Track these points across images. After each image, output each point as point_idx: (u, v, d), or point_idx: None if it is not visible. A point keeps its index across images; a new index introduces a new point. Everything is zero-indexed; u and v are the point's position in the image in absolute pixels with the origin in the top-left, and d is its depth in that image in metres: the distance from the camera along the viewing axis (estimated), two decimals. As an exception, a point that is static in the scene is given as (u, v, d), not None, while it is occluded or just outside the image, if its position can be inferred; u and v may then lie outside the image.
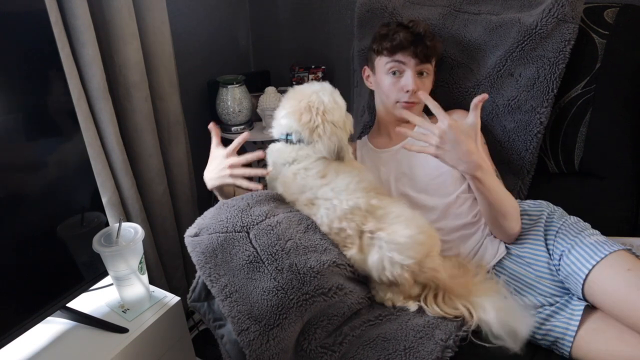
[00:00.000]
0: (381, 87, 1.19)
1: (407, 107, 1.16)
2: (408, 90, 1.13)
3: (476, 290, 0.94)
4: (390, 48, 1.12)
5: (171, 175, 1.48)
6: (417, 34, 1.12)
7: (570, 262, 0.92)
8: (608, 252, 0.88)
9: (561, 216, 1.03)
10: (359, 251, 0.93)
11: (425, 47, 1.12)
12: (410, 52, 1.11)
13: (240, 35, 1.90)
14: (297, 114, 0.99)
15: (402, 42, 1.11)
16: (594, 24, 1.11)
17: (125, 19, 1.19)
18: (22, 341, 0.95)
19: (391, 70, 1.14)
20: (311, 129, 0.98)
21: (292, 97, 1.03)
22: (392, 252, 0.89)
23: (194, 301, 0.91)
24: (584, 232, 0.96)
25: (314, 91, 1.01)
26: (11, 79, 0.86)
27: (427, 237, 0.93)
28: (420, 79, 1.15)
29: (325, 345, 0.85)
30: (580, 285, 0.88)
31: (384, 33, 1.15)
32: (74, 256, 1.01)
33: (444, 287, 0.94)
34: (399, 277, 0.90)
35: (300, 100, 1.00)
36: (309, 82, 1.08)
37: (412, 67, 1.12)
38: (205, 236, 0.88)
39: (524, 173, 1.20)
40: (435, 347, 0.83)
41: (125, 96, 1.27)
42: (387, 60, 1.14)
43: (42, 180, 0.94)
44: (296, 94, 1.03)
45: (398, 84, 1.14)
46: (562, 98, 1.15)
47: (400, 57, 1.12)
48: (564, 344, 0.88)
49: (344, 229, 0.93)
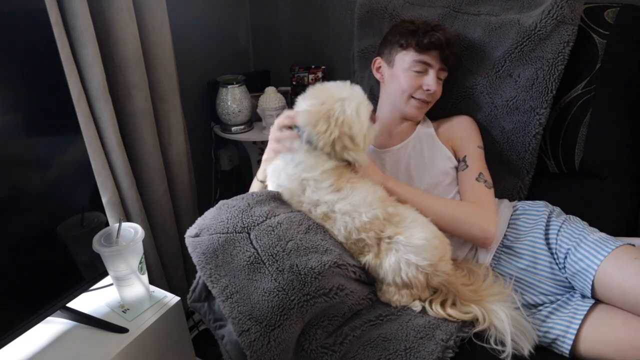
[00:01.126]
0: (398, 81, 1.18)
1: (420, 105, 1.17)
2: (429, 89, 1.14)
3: (487, 296, 0.95)
4: (423, 45, 1.12)
5: (171, 175, 1.48)
6: (448, 39, 1.13)
7: (577, 259, 0.92)
8: (614, 247, 0.89)
9: (559, 215, 1.04)
10: (375, 257, 0.94)
11: (453, 54, 1.14)
12: (440, 54, 1.13)
13: (240, 35, 1.90)
14: (315, 119, 0.94)
15: (436, 43, 1.11)
16: (594, 24, 1.11)
17: (125, 19, 1.19)
18: (22, 341, 0.95)
19: (416, 68, 1.14)
20: (326, 141, 0.94)
21: (317, 95, 0.97)
22: (409, 254, 0.91)
23: (194, 301, 0.91)
24: (586, 230, 0.97)
25: (341, 98, 0.95)
26: (11, 79, 0.86)
27: (441, 241, 0.96)
28: (437, 82, 1.16)
29: (325, 346, 0.85)
30: (590, 281, 0.89)
31: (413, 29, 1.14)
32: (74, 256, 1.01)
33: (455, 293, 0.94)
34: (413, 278, 0.91)
35: (324, 103, 0.95)
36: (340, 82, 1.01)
37: (436, 69, 1.14)
38: (205, 237, 0.88)
39: (523, 173, 1.20)
40: (436, 348, 0.84)
41: (125, 96, 1.27)
42: (415, 57, 1.14)
43: (42, 180, 0.94)
44: (322, 93, 0.98)
45: (419, 81, 1.15)
46: (562, 98, 1.16)
47: (429, 56, 1.13)
48: (564, 342, 0.89)
49: (363, 239, 0.94)
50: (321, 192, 0.95)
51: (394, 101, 1.20)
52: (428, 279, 0.93)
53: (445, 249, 0.96)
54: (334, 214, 0.95)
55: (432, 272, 0.92)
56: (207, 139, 1.81)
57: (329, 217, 0.96)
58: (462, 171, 1.15)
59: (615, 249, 0.89)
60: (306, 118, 0.95)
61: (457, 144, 1.19)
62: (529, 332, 0.88)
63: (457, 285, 0.94)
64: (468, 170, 1.14)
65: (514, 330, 0.87)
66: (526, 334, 0.88)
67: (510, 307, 0.93)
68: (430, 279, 0.93)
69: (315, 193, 0.95)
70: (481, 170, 1.13)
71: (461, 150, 1.17)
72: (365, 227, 0.93)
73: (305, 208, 0.97)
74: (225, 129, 1.68)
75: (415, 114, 1.19)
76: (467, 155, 1.16)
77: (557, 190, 1.19)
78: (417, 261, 0.90)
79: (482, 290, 0.96)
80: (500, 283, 0.99)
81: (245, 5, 1.88)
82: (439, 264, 0.92)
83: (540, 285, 0.99)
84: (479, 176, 1.12)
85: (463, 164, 1.15)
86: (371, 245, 0.94)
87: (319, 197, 0.95)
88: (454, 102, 1.26)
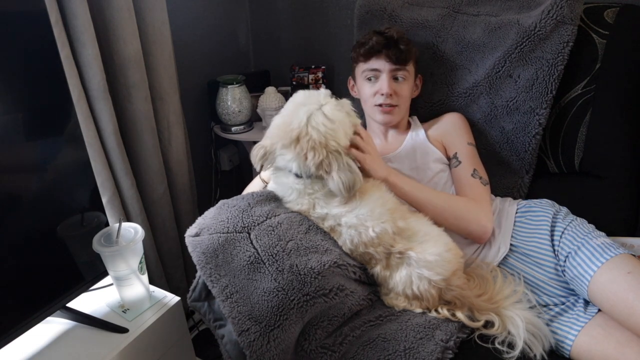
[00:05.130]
0: (361, 94, 1.22)
1: (386, 110, 1.17)
2: (383, 93, 1.14)
3: (501, 300, 0.93)
4: (364, 53, 1.15)
5: (171, 175, 1.48)
6: (389, 37, 1.14)
7: (576, 264, 0.92)
8: (611, 256, 0.88)
9: (566, 217, 1.03)
10: (384, 269, 0.93)
11: (399, 51, 1.13)
12: (384, 55, 1.13)
13: (240, 35, 1.90)
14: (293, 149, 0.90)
15: (375, 46, 1.13)
16: (594, 24, 1.11)
17: (125, 19, 1.19)
18: (22, 341, 0.95)
19: (367, 76, 1.17)
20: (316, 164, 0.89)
21: (280, 125, 0.93)
22: (422, 268, 0.89)
23: (194, 301, 0.91)
24: (590, 234, 0.96)
25: (303, 120, 0.89)
26: (11, 79, 0.86)
27: (454, 255, 0.94)
28: (396, 83, 1.16)
29: (325, 346, 0.85)
30: (586, 287, 0.89)
31: (362, 41, 1.17)
32: (74, 256, 1.01)
33: (470, 305, 0.92)
34: (425, 292, 0.90)
35: (291, 130, 0.90)
36: (298, 93, 0.97)
37: (387, 71, 1.14)
38: (206, 236, 0.88)
39: (523, 173, 1.21)
40: (436, 348, 0.83)
41: (125, 96, 1.27)
42: (364, 67, 1.17)
43: (42, 180, 0.94)
44: (285, 118, 0.94)
45: (374, 89, 1.16)
46: (562, 98, 1.16)
47: (375, 61, 1.15)
48: (563, 347, 0.89)
49: (370, 253, 0.92)
50: (330, 206, 0.94)
51: (367, 113, 1.23)
52: (441, 294, 0.92)
53: (458, 262, 0.94)
54: (339, 227, 0.93)
55: (446, 287, 0.90)
56: (207, 139, 1.81)
57: (335, 231, 0.95)
58: (455, 168, 1.15)
59: (610, 258, 0.88)
60: (287, 154, 0.92)
61: (447, 140, 1.19)
62: (545, 336, 0.87)
63: (472, 299, 0.92)
64: (462, 167, 1.14)
65: (527, 335, 0.86)
66: (542, 337, 0.87)
67: (526, 308, 0.91)
68: (443, 294, 0.92)
69: (324, 208, 0.94)
70: (475, 167, 1.13)
71: (451, 147, 1.18)
72: (373, 242, 0.91)
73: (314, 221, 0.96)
74: (225, 129, 1.68)
75: (385, 119, 1.19)
76: (457, 152, 1.16)
77: (557, 190, 1.19)
78: (429, 275, 0.89)
79: (496, 295, 0.94)
80: (511, 282, 0.98)
81: (245, 5, 1.88)
82: (452, 278, 0.91)
83: (545, 287, 0.98)
84: (474, 172, 1.12)
85: (455, 160, 1.15)
86: (379, 259, 0.93)
87: (327, 210, 0.94)
88: (454, 102, 1.26)
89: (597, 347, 0.85)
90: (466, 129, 1.20)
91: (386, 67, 1.14)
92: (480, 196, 1.08)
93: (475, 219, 1.04)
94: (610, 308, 0.86)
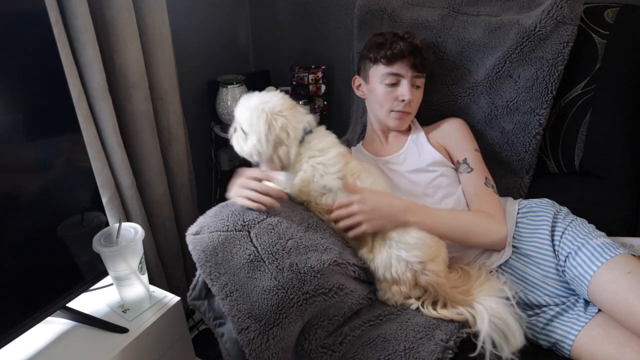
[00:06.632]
0: (375, 96, 1.19)
1: (401, 116, 1.17)
2: (404, 99, 1.13)
3: (477, 294, 0.93)
4: (389, 57, 1.12)
5: (171, 175, 1.48)
6: (415, 45, 1.13)
7: (576, 264, 0.92)
8: (611, 256, 0.88)
9: (566, 217, 1.03)
10: (368, 252, 0.96)
11: (423, 59, 1.13)
12: (409, 62, 1.12)
13: (240, 35, 1.90)
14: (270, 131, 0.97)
15: (402, 52, 1.11)
16: (594, 24, 1.11)
17: (125, 19, 1.19)
18: (22, 341, 0.95)
19: (387, 80, 1.14)
20: None
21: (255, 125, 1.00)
22: (400, 250, 0.92)
23: (194, 299, 0.92)
24: (590, 234, 0.95)
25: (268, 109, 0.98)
26: (11, 79, 0.86)
27: (435, 241, 0.96)
28: (413, 90, 1.15)
29: (325, 345, 0.85)
30: (586, 287, 0.89)
31: (381, 42, 1.15)
32: (74, 256, 1.01)
33: (444, 295, 0.93)
34: (402, 274, 0.92)
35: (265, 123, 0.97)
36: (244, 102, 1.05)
37: (408, 77, 1.13)
38: (206, 234, 0.88)
39: (523, 173, 1.21)
40: (436, 348, 0.83)
41: (125, 96, 1.27)
42: (385, 70, 1.14)
43: (42, 180, 0.94)
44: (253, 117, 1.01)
45: (394, 93, 1.15)
46: (562, 98, 1.16)
47: (399, 67, 1.13)
48: (563, 346, 0.89)
49: None
50: (328, 177, 0.97)
51: (377, 115, 1.22)
52: (416, 277, 0.93)
53: (440, 250, 0.96)
54: None
55: (420, 270, 0.92)
56: (207, 139, 1.81)
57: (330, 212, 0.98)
58: (466, 174, 1.14)
59: (610, 258, 0.88)
60: None
61: (451, 145, 1.18)
62: (514, 333, 0.84)
63: (445, 287, 0.93)
64: (474, 174, 1.13)
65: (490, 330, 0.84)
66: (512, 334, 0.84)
67: (499, 301, 0.90)
68: (417, 277, 0.93)
69: (323, 178, 0.97)
70: (486, 175, 1.13)
71: (458, 153, 1.17)
72: None
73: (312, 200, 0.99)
74: (225, 129, 1.68)
75: (398, 125, 1.19)
76: (467, 157, 1.15)
77: (557, 190, 1.18)
78: (407, 257, 0.92)
79: (473, 289, 0.95)
80: (493, 279, 0.98)
81: (246, 5, 1.88)
82: (429, 263, 0.92)
83: (545, 287, 0.98)
84: (486, 181, 1.12)
85: (465, 166, 1.14)
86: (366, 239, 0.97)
87: (325, 182, 0.97)
88: (454, 102, 1.26)
89: (597, 347, 0.85)
90: (470, 136, 1.20)
91: (409, 73, 1.13)
92: (496, 206, 1.09)
93: (497, 231, 1.04)
94: (610, 308, 0.86)
